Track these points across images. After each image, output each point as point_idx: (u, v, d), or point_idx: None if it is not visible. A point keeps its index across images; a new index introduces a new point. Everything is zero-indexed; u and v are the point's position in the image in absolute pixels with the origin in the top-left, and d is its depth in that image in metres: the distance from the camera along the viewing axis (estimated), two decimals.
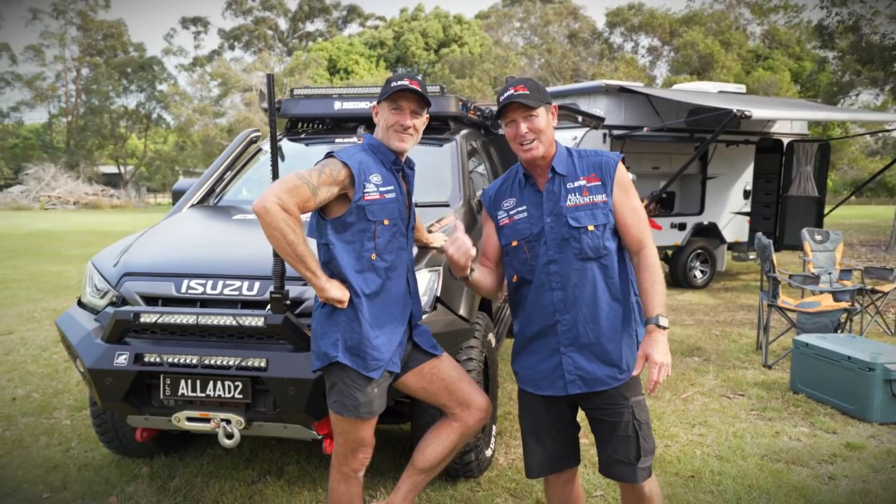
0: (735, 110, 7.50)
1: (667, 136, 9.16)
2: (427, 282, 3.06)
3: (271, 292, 2.67)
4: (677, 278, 9.73)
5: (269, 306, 2.71)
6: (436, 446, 2.61)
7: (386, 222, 2.44)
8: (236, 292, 2.85)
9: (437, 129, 4.67)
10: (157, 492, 3.33)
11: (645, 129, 8.53)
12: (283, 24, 50.30)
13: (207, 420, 2.79)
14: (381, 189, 2.43)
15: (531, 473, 2.41)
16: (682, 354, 5.97)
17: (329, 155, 2.41)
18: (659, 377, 2.11)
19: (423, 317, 2.95)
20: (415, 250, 3.12)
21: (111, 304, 3.00)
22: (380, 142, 2.50)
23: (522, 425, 2.44)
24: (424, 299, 3.01)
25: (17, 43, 56.87)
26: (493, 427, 3.80)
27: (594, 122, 6.43)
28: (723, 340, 6.52)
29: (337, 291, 2.34)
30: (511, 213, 2.34)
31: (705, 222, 9.76)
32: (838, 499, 3.31)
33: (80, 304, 3.23)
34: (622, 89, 8.93)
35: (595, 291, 2.24)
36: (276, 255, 2.66)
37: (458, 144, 4.45)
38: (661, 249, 9.83)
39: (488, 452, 3.57)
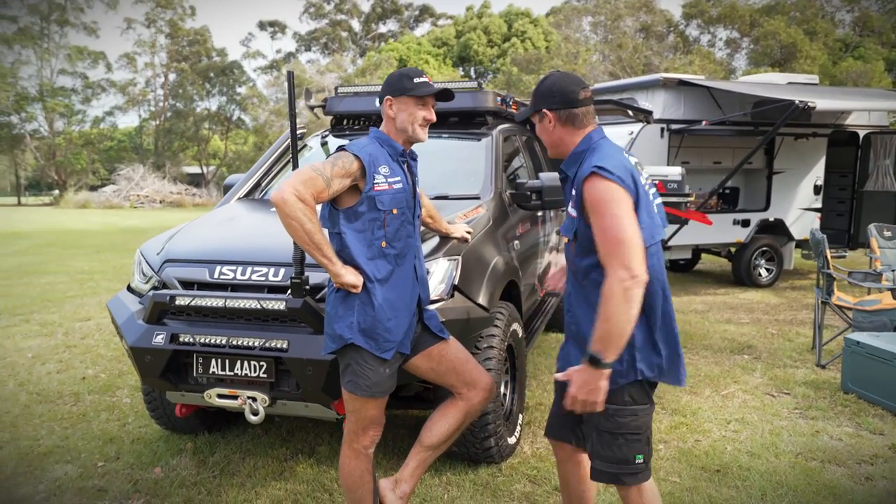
0: (797, 101, 7.21)
1: (728, 129, 8.89)
2: (445, 270, 3.16)
3: (291, 278, 2.83)
4: (740, 276, 9.43)
5: (289, 291, 2.88)
6: (442, 424, 2.72)
7: (395, 211, 2.56)
8: (263, 278, 3.03)
9: (476, 124, 4.76)
10: (198, 465, 3.57)
11: (703, 122, 8.31)
12: (356, 26, 51.42)
13: (235, 397, 2.99)
14: (389, 180, 2.55)
15: (545, 431, 2.52)
16: (730, 352, 5.83)
17: (340, 148, 2.55)
18: (568, 404, 2.10)
19: (440, 304, 3.07)
20: (436, 240, 3.27)
21: (153, 288, 3.25)
22: (387, 135, 2.63)
23: None
24: (442, 287, 3.12)
25: (113, 51, 60.46)
26: (521, 416, 3.87)
27: (642, 115, 6.35)
28: (777, 339, 6.32)
29: (351, 277, 2.48)
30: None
31: (771, 219, 9.41)
32: (871, 499, 3.21)
33: (129, 288, 3.50)
34: (681, 82, 8.73)
35: (580, 300, 2.24)
36: (295, 242, 2.83)
37: (494, 139, 4.52)
38: (722, 246, 9.57)
39: (512, 440, 3.64)
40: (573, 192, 2.17)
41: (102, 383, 4.92)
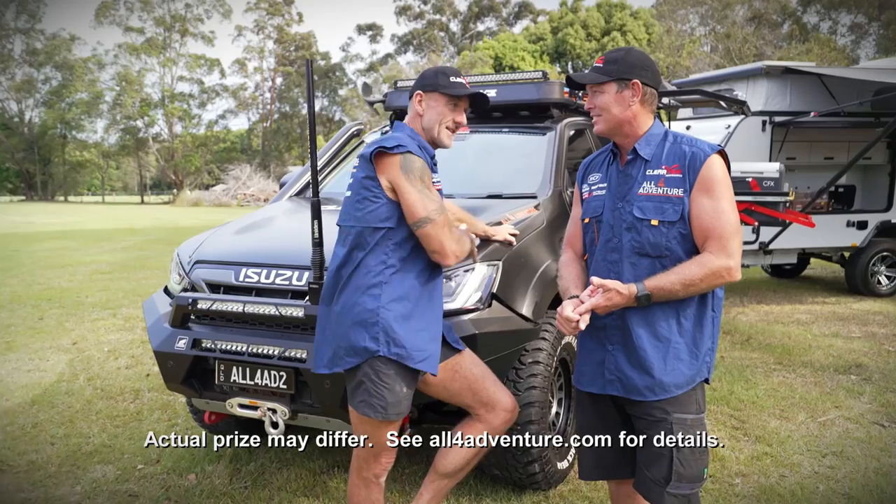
0: None
1: (843, 121, 8.00)
2: (482, 276, 2.87)
3: (310, 282, 2.65)
4: (855, 284, 8.47)
5: (307, 297, 2.68)
6: (458, 449, 2.44)
7: None
8: (286, 282, 2.86)
9: (538, 118, 4.42)
10: (232, 473, 3.46)
11: (812, 114, 7.50)
12: (454, 26, 51.63)
13: (256, 408, 2.83)
14: (436, 179, 2.36)
15: (581, 474, 2.27)
16: (834, 371, 5.15)
17: (407, 151, 2.21)
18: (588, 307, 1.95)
19: (474, 314, 2.79)
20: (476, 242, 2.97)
21: (184, 290, 3.15)
22: (419, 135, 2.36)
23: (576, 422, 2.31)
24: (477, 295, 2.83)
25: (226, 58, 64.11)
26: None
27: (735, 106, 5.75)
28: (894, 357, 5.54)
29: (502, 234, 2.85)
30: (592, 187, 2.19)
31: (894, 220, 8.40)
32: None
33: (166, 289, 3.43)
34: (787, 70, 7.94)
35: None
36: (315, 244, 2.64)
37: (559, 133, 4.16)
38: (833, 251, 8.64)
39: (563, 465, 3.28)
40: (670, 170, 2.00)
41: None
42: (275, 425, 2.80)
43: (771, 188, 5.59)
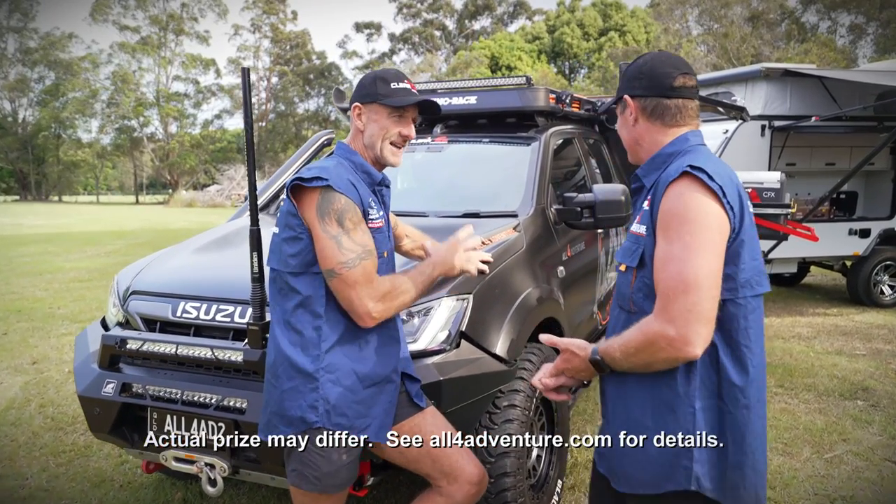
0: None
1: (845, 126, 7.69)
2: (450, 312, 2.54)
3: (248, 323, 2.32)
4: (857, 294, 8.16)
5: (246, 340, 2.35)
6: None
7: (385, 255, 2.02)
8: (228, 319, 2.53)
9: (524, 127, 4.10)
10: None
11: (813, 118, 7.18)
12: (450, 25, 51.25)
13: (193, 462, 2.49)
14: (377, 215, 2.01)
15: None
16: (839, 396, 4.82)
17: (327, 186, 1.85)
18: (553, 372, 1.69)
19: (439, 357, 2.46)
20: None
21: (118, 324, 2.83)
22: (360, 156, 2.02)
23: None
24: (443, 335, 2.50)
25: (221, 57, 63.82)
26: (560, 482, 3.18)
27: (733, 112, 5.43)
28: None
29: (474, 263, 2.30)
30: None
31: None
32: None
33: (103, 321, 3.09)
34: (787, 73, 7.62)
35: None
36: (255, 280, 2.31)
37: (543, 144, 3.83)
38: (835, 259, 8.32)
39: None
40: (646, 202, 1.61)
41: None
42: (213, 482, 2.47)
43: (771, 199, 5.27)
